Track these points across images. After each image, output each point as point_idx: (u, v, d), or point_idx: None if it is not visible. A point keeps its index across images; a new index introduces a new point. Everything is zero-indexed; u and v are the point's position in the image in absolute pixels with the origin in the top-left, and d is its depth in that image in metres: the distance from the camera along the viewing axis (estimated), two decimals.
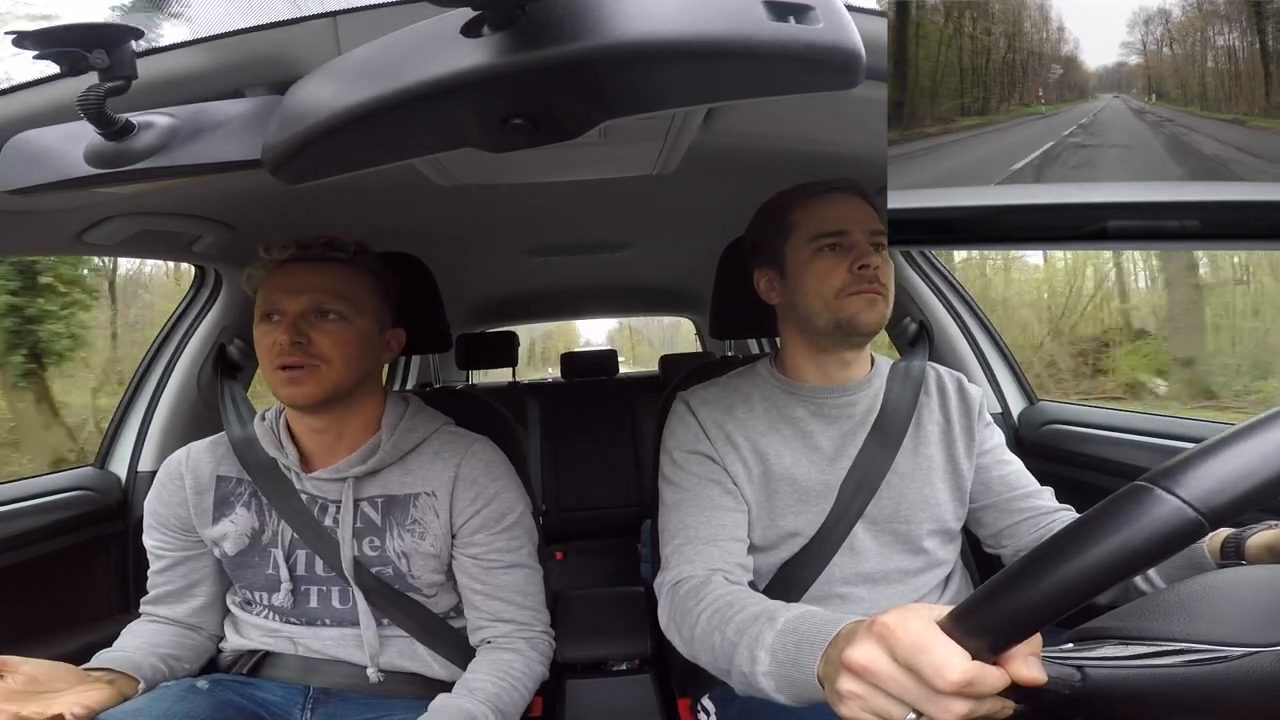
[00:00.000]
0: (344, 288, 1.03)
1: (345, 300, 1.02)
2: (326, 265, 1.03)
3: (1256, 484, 0.42)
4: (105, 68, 0.51)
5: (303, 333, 0.99)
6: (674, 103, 0.50)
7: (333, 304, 1.01)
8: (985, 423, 1.11)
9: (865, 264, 0.96)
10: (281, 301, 1.00)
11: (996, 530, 1.09)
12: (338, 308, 1.01)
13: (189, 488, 1.10)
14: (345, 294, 1.02)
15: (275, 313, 1.01)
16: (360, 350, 1.04)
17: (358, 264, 1.06)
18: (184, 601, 1.12)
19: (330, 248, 1.03)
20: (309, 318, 1.00)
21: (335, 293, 1.01)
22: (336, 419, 1.07)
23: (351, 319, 1.02)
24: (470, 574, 1.09)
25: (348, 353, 1.01)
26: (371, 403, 1.10)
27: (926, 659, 0.48)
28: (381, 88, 0.46)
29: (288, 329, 0.98)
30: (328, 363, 1.00)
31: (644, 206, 1.59)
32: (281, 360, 0.98)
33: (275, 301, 1.01)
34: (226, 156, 0.55)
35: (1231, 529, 0.80)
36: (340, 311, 1.01)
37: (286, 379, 0.99)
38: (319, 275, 1.02)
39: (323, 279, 1.02)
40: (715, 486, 1.01)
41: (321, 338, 1.00)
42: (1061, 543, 0.46)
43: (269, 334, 1.00)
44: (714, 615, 0.84)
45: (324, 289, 1.01)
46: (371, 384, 1.10)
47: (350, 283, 1.04)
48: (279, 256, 1.02)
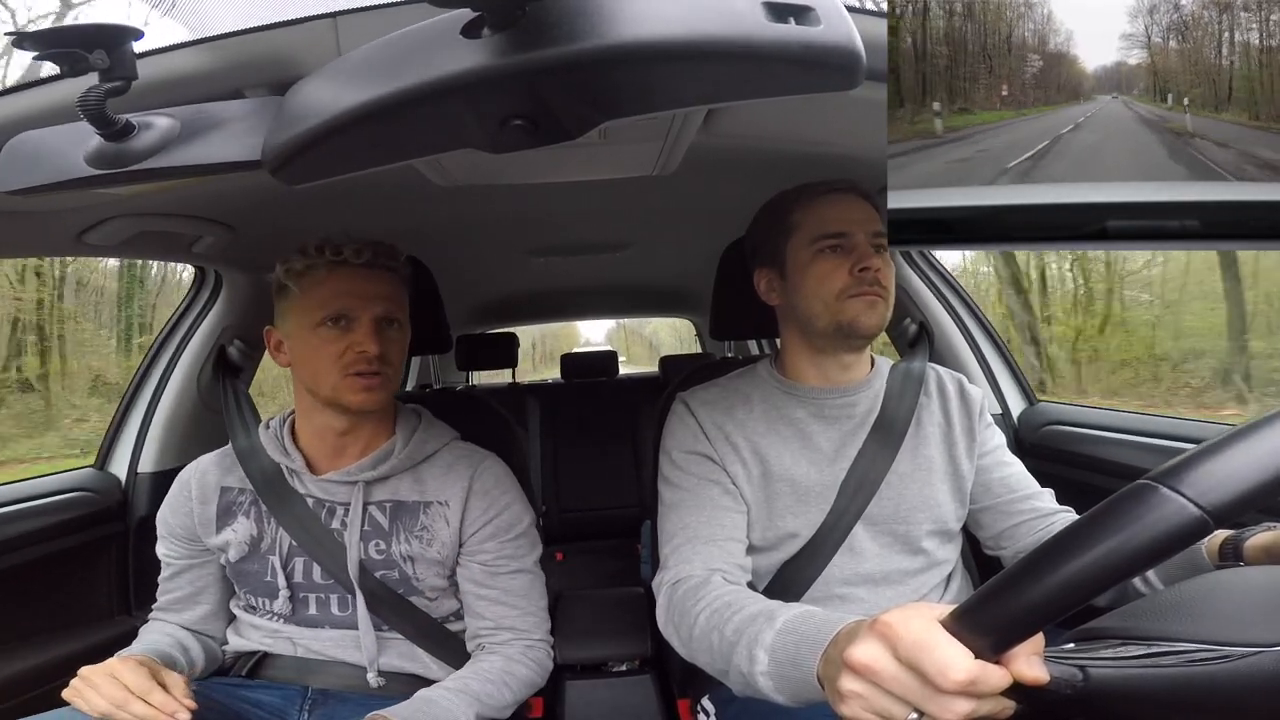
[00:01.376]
0: (401, 296, 1.07)
1: (402, 308, 1.07)
2: (387, 274, 1.05)
3: (1261, 482, 0.42)
4: (105, 68, 0.51)
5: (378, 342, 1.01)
6: (674, 103, 0.50)
7: (398, 313, 1.05)
8: (986, 424, 1.11)
9: (866, 266, 0.96)
10: (354, 307, 1.01)
11: (997, 532, 1.09)
12: (399, 316, 1.05)
13: (194, 497, 1.12)
14: (403, 303, 1.07)
15: (344, 317, 1.01)
16: (405, 355, 1.09)
17: (402, 273, 1.09)
18: (190, 608, 1.14)
19: (389, 256, 1.05)
20: (380, 326, 1.02)
21: (398, 302, 1.06)
22: (357, 422, 1.08)
23: (405, 327, 1.07)
24: (475, 579, 1.09)
25: (400, 359, 1.06)
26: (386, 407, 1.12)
27: (929, 658, 0.48)
28: (381, 88, 0.46)
29: (373, 337, 1.00)
30: (394, 369, 1.04)
31: (644, 207, 1.59)
32: (360, 367, 1.00)
33: (345, 306, 1.01)
34: (227, 157, 0.55)
35: (1230, 530, 0.80)
36: (400, 320, 1.06)
37: (364, 385, 1.01)
38: (384, 283, 1.04)
39: (388, 287, 1.04)
40: (714, 487, 1.01)
41: (389, 346, 1.03)
42: (1065, 541, 0.46)
43: (338, 338, 1.00)
44: (712, 615, 0.83)
45: (390, 298, 1.04)
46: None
47: (402, 291, 1.08)
48: (333, 258, 1.01)
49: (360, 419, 1.07)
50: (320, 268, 1.01)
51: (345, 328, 1.00)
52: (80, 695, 0.87)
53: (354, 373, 1.00)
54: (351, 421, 1.07)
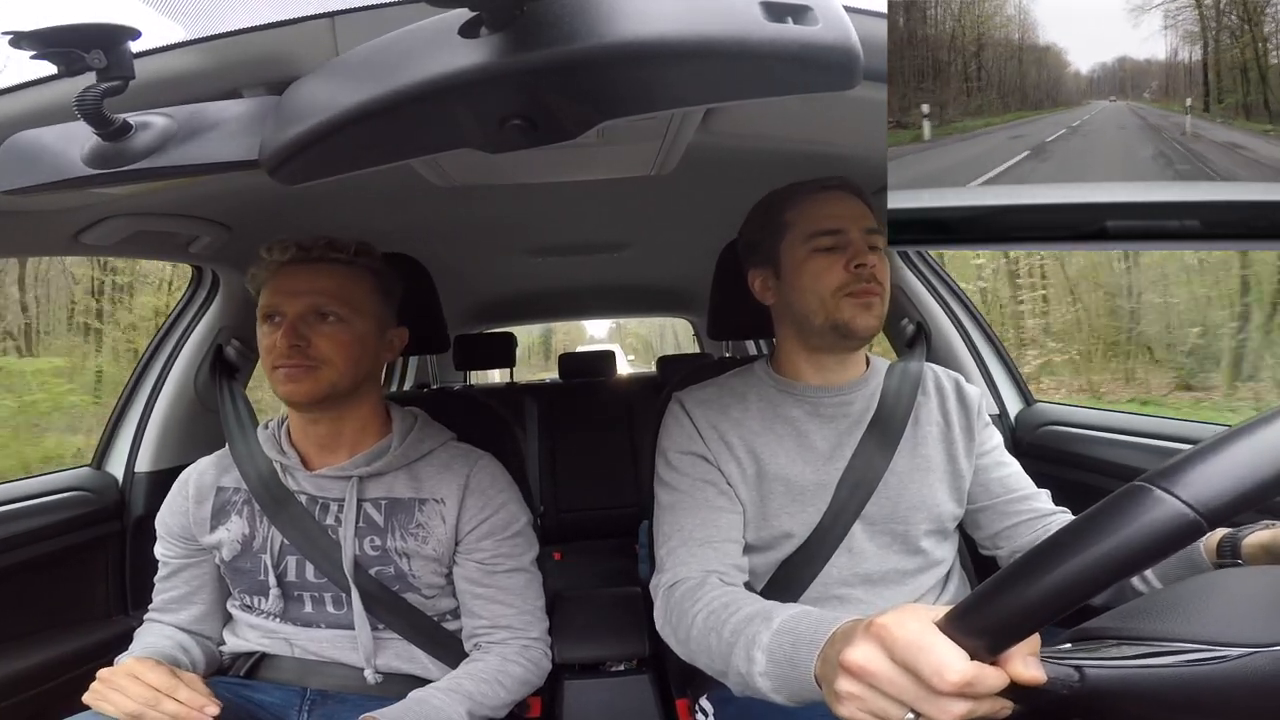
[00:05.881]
0: (343, 290, 1.04)
1: (344, 302, 1.03)
2: (327, 266, 1.04)
3: (1255, 484, 0.42)
4: (103, 68, 0.51)
5: (302, 335, 1.00)
6: (672, 103, 0.50)
7: (332, 306, 1.02)
8: (984, 423, 1.11)
9: (862, 263, 0.96)
10: (282, 303, 1.02)
11: (993, 532, 1.09)
12: (336, 310, 1.02)
13: (190, 497, 1.12)
14: (344, 296, 1.03)
15: (276, 314, 1.02)
16: (360, 351, 1.05)
17: (358, 264, 1.06)
18: (186, 608, 1.13)
19: (331, 249, 1.04)
20: (309, 320, 1.01)
21: (334, 295, 1.03)
22: (335, 417, 1.08)
23: (350, 320, 1.04)
24: (472, 577, 1.09)
25: (347, 354, 1.03)
26: (369, 403, 1.12)
27: (925, 659, 0.48)
28: (379, 88, 0.46)
29: (287, 332, 1.00)
30: (327, 364, 1.01)
31: (642, 207, 1.59)
32: (280, 360, 1.00)
33: (276, 303, 1.02)
34: (224, 157, 0.55)
35: (1227, 529, 0.80)
36: (339, 313, 1.03)
37: (284, 376, 1.01)
38: (319, 277, 1.03)
39: (323, 281, 1.03)
40: (710, 488, 1.01)
41: (321, 340, 1.01)
42: (1060, 542, 0.46)
43: (269, 335, 1.02)
44: (710, 617, 0.83)
45: (323, 291, 1.02)
46: (370, 383, 1.11)
47: (350, 284, 1.05)
48: (280, 258, 1.03)
49: (339, 415, 1.08)
50: (264, 269, 1.04)
51: (277, 324, 1.02)
52: (104, 698, 0.87)
53: (277, 365, 1.01)
54: (323, 418, 1.08)
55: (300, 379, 1.00)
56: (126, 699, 0.86)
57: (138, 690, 0.86)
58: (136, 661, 0.91)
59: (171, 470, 1.18)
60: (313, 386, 1.01)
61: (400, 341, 1.15)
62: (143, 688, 0.87)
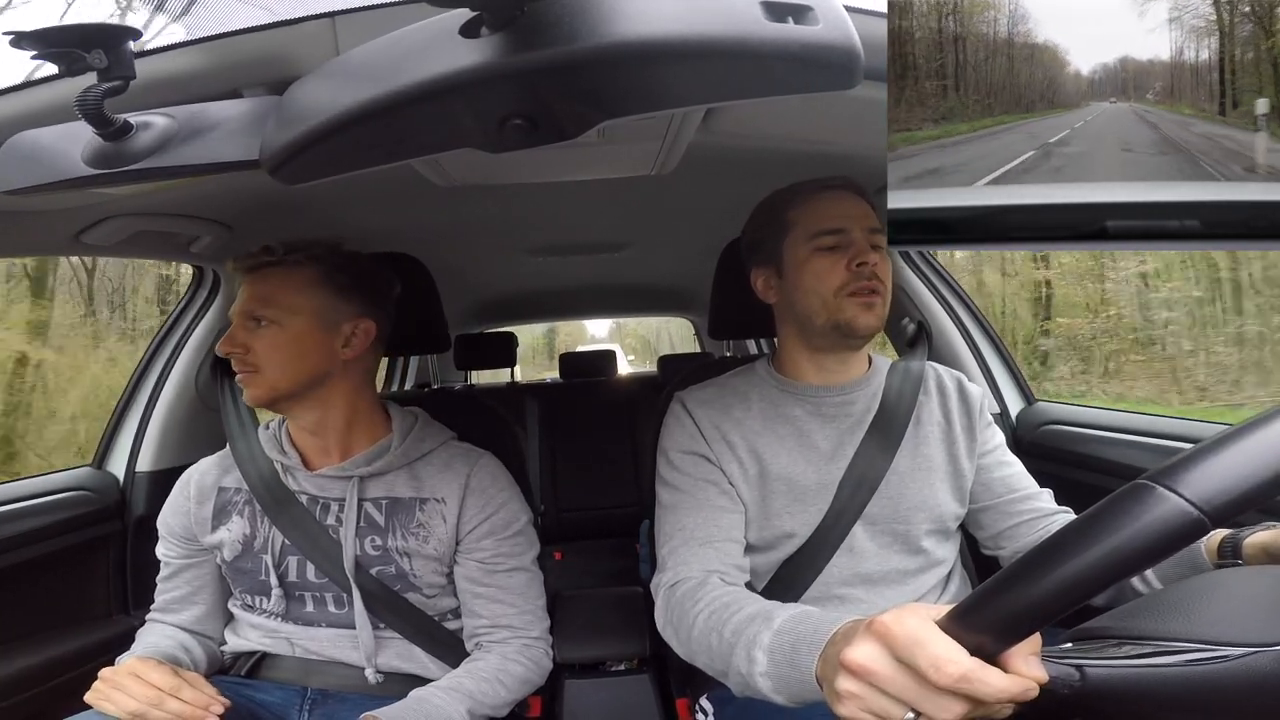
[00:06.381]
0: (275, 293, 1.03)
1: (273, 305, 1.03)
2: (262, 271, 1.05)
3: (1258, 482, 0.42)
4: (103, 68, 0.51)
5: (239, 343, 1.02)
6: (672, 103, 0.50)
7: (261, 310, 1.03)
8: (986, 423, 1.11)
9: (864, 262, 0.96)
10: (233, 312, 1.05)
11: (995, 532, 1.09)
12: (264, 313, 1.03)
13: (192, 497, 1.12)
14: (274, 299, 1.03)
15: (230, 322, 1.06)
16: (297, 350, 1.03)
17: (290, 262, 1.05)
18: (187, 608, 1.14)
19: (264, 252, 1.05)
20: (246, 326, 1.03)
21: (264, 299, 1.03)
22: (317, 418, 1.08)
23: (282, 321, 1.03)
24: (472, 577, 1.09)
25: (281, 356, 1.03)
26: (351, 399, 1.10)
27: (924, 654, 0.48)
28: (380, 88, 0.46)
29: (224, 342, 1.03)
30: (264, 367, 1.02)
31: (643, 207, 1.59)
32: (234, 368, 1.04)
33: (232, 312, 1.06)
34: (225, 157, 0.55)
35: (1228, 529, 0.80)
36: (268, 316, 1.02)
37: (239, 381, 1.05)
38: (255, 283, 1.04)
39: (256, 287, 1.04)
40: (711, 487, 1.01)
41: (256, 344, 1.02)
42: (1063, 541, 0.46)
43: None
44: (710, 617, 0.83)
45: (255, 297, 1.04)
46: (347, 381, 1.09)
47: (281, 285, 1.04)
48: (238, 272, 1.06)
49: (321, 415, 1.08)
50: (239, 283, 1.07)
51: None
52: (107, 698, 0.87)
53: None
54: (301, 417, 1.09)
55: (246, 384, 1.03)
56: (129, 698, 0.86)
57: (140, 690, 0.87)
58: (139, 661, 0.91)
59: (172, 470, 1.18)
60: (255, 391, 1.03)
61: (367, 334, 1.09)
62: (145, 687, 0.87)
